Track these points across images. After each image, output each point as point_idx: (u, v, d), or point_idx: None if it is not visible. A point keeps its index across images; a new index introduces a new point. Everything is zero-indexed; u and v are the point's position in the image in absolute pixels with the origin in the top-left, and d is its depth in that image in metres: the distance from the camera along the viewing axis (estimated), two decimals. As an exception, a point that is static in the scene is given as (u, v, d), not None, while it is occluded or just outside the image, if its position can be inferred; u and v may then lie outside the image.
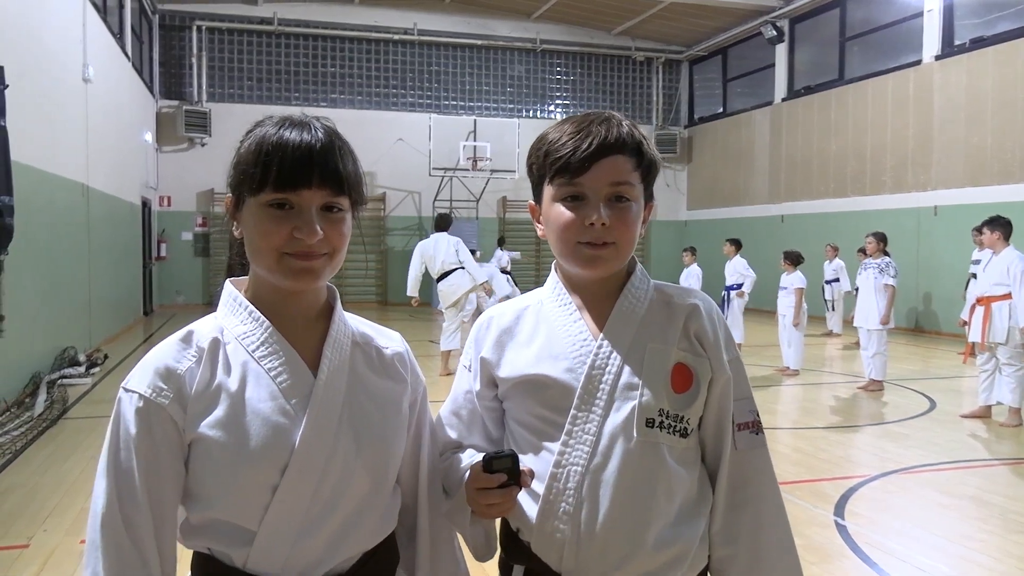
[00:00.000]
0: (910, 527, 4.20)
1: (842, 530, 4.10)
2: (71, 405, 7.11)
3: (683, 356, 1.31)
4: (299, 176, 1.13)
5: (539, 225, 1.39)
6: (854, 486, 4.90)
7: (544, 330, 1.36)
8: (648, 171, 1.33)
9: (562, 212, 1.30)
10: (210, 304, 1.23)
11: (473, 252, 14.97)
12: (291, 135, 1.14)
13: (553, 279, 1.41)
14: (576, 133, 1.29)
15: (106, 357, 9.43)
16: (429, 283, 17.96)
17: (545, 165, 1.32)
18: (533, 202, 1.41)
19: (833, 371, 9.93)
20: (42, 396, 6.96)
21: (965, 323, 8.91)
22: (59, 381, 7.79)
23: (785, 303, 9.26)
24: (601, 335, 1.32)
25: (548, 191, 1.33)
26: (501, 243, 16.22)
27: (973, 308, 7.09)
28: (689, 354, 1.31)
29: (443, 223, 9.26)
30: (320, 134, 1.16)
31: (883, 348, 8.12)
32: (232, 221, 1.22)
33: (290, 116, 1.19)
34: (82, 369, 8.44)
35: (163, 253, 16.68)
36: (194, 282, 17.10)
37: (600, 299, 1.36)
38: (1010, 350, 6.56)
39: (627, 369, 1.29)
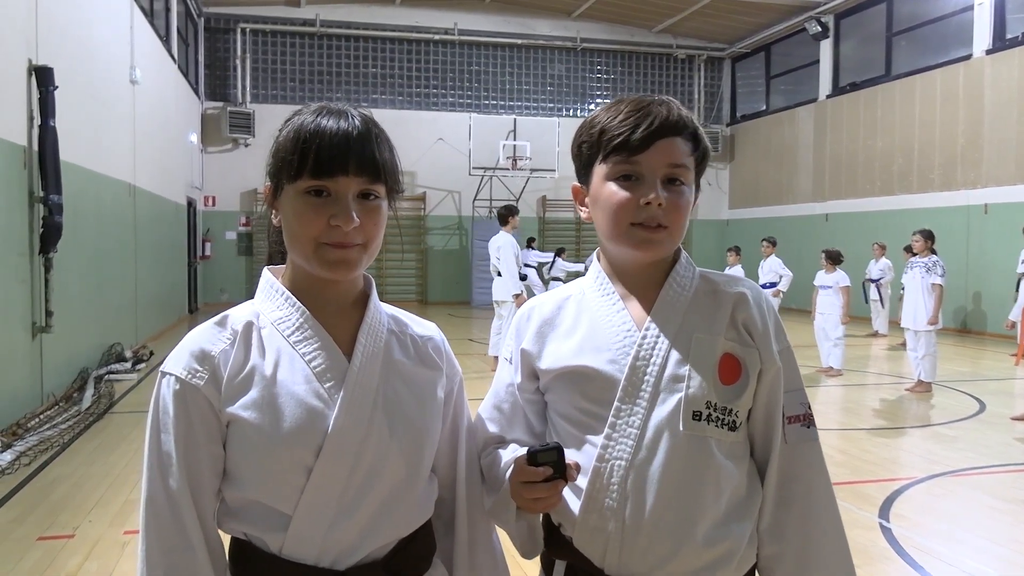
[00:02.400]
0: (958, 530, 4.10)
1: (887, 532, 4.02)
2: (117, 400, 7.25)
3: (731, 346, 1.26)
4: (336, 163, 1.13)
5: (583, 208, 1.36)
6: (900, 488, 4.79)
7: (586, 320, 1.32)
8: (702, 159, 1.30)
9: (615, 191, 1.26)
10: (253, 302, 1.25)
11: (560, 251, 14.90)
12: (328, 123, 1.15)
13: (596, 268, 1.37)
14: (636, 112, 1.25)
15: (151, 354, 9.60)
16: (466, 278, 18.15)
17: (600, 143, 1.28)
18: (578, 183, 1.37)
19: (878, 372, 9.74)
20: (89, 391, 7.11)
21: (1013, 324, 8.68)
22: (106, 376, 7.95)
23: (826, 302, 9.10)
24: (645, 325, 1.28)
25: (600, 170, 1.29)
26: None
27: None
28: (737, 344, 1.27)
29: (499, 219, 9.04)
30: (357, 122, 1.17)
31: (932, 349, 7.93)
32: (270, 209, 1.23)
33: (327, 104, 1.20)
34: (128, 365, 8.61)
35: (208, 252, 16.97)
36: (238, 281, 17.37)
37: (644, 287, 1.32)
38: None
39: (673, 360, 1.25)
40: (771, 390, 1.29)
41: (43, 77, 6.45)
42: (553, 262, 15.10)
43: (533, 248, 16.23)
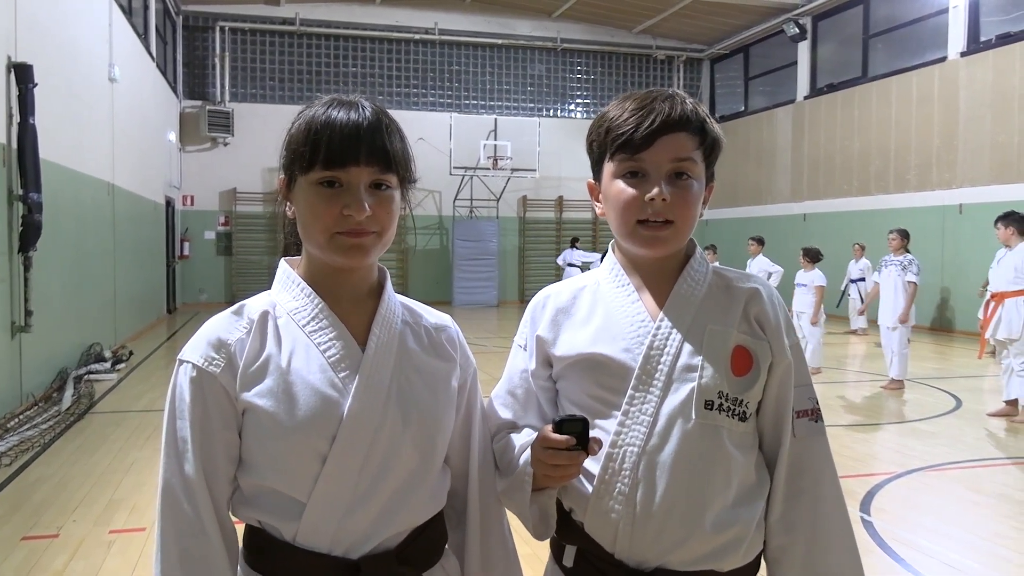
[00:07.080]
0: (938, 524, 4.17)
1: (868, 526, 4.08)
2: (98, 400, 7.19)
3: (743, 339, 1.29)
4: (347, 154, 1.15)
5: (597, 204, 1.38)
6: (880, 483, 4.86)
7: (601, 310, 1.35)
8: (711, 150, 1.32)
9: (622, 189, 1.28)
10: (232, 302, 1.26)
11: (575, 241, 15.08)
12: (339, 114, 1.17)
13: (611, 259, 1.40)
14: (639, 109, 1.27)
15: (131, 354, 9.53)
16: (447, 278, 18.12)
17: (606, 141, 1.30)
18: (592, 180, 1.40)
19: (855, 370, 9.85)
20: (69, 391, 7.04)
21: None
22: (85, 376, 7.88)
23: (804, 301, 9.14)
24: (660, 316, 1.31)
25: (608, 168, 1.32)
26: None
27: (987, 304, 7.02)
28: (749, 337, 1.30)
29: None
30: (367, 112, 1.18)
31: (903, 347, 8.04)
32: (284, 201, 1.25)
33: (339, 96, 1.22)
34: (108, 365, 8.53)
35: (186, 252, 16.81)
36: (216, 280, 17.23)
37: (659, 280, 1.34)
38: (1021, 346, 6.48)
39: (686, 350, 1.28)
40: (781, 384, 1.32)
41: (22, 74, 6.39)
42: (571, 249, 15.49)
43: (577, 248, 16.66)
